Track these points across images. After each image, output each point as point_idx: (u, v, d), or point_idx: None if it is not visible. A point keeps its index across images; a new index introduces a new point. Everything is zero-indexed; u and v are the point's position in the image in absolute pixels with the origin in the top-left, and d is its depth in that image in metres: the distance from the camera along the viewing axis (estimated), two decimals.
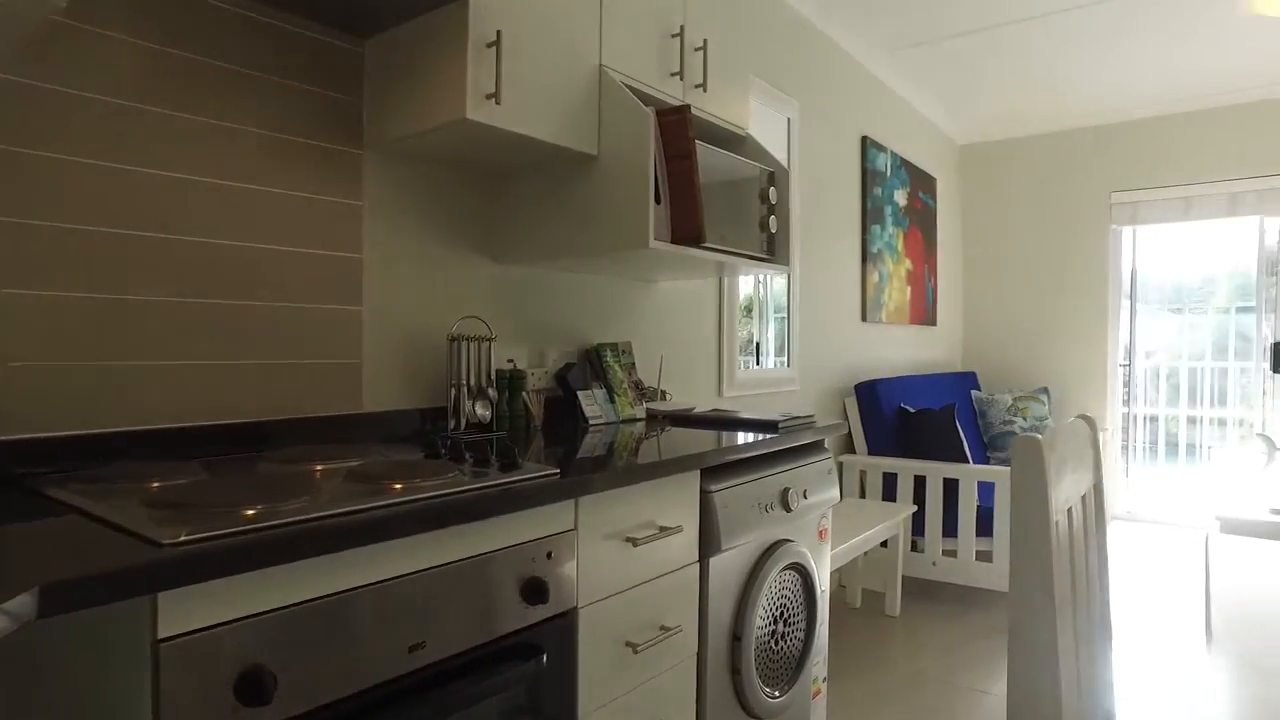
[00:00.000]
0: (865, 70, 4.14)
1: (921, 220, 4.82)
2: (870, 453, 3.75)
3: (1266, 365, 4.81)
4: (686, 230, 1.80)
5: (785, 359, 3.44)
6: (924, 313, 4.89)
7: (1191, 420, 5.21)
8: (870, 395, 3.77)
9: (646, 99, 1.96)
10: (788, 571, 1.90)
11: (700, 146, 1.92)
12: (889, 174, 4.35)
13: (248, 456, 1.44)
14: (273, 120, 1.55)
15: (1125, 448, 5.28)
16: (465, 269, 1.97)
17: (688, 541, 1.59)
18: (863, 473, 3.71)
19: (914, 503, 3.52)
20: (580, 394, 2.12)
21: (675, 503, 1.55)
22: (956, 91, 4.65)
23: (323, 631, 0.93)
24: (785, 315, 3.49)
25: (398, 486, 1.11)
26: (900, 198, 4.50)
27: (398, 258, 1.81)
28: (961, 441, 3.51)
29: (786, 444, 1.90)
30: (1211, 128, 4.77)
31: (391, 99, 1.65)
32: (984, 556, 3.38)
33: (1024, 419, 4.80)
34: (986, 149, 5.52)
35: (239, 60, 1.50)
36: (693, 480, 1.60)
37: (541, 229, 1.94)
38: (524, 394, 2.00)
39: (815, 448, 2.09)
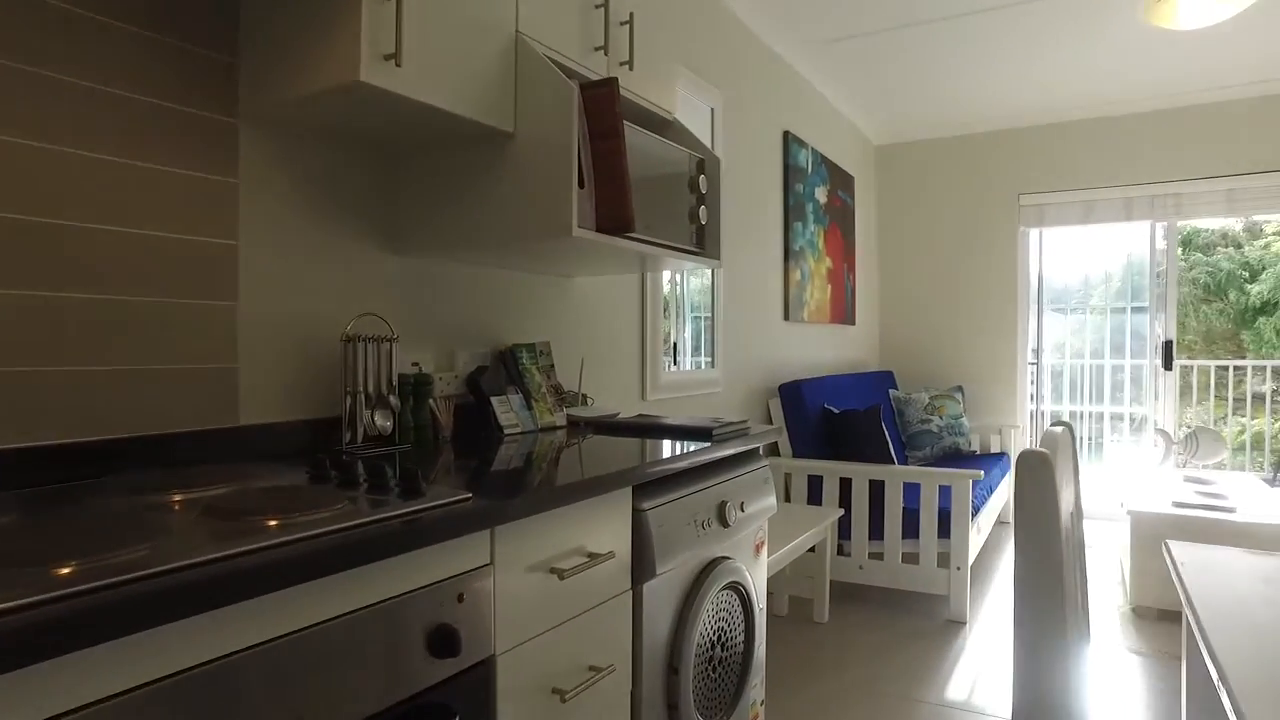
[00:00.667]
0: (786, 64, 4.07)
1: (841, 219, 4.80)
2: (795, 455, 3.66)
3: (1158, 362, 5.00)
4: (613, 217, 1.63)
5: (709, 360, 3.31)
6: (844, 312, 4.87)
7: (1093, 416, 5.38)
8: (794, 396, 3.69)
9: (569, 73, 1.78)
10: (726, 592, 1.75)
11: (627, 128, 1.75)
12: (810, 171, 4.29)
13: (90, 485, 1.18)
14: (125, 76, 1.29)
15: (1034, 444, 5.40)
16: (362, 260, 1.74)
17: (619, 568, 1.41)
18: (788, 475, 3.62)
19: (840, 505, 3.45)
20: (494, 400, 1.92)
21: (605, 525, 1.37)
22: (873, 91, 4.64)
23: None
24: (701, 315, 3.36)
25: (270, 524, 0.89)
26: (821, 195, 4.45)
27: (281, 245, 1.56)
28: (887, 443, 3.46)
29: (721, 453, 1.75)
30: (1112, 134, 4.92)
31: (273, 57, 1.41)
32: (910, 559, 3.33)
33: (940, 418, 4.84)
34: (902, 149, 5.56)
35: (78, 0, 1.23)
36: (624, 499, 1.43)
37: (450, 215, 1.72)
38: (431, 401, 1.79)
39: (750, 456, 1.95)
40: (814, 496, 3.54)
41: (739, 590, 1.80)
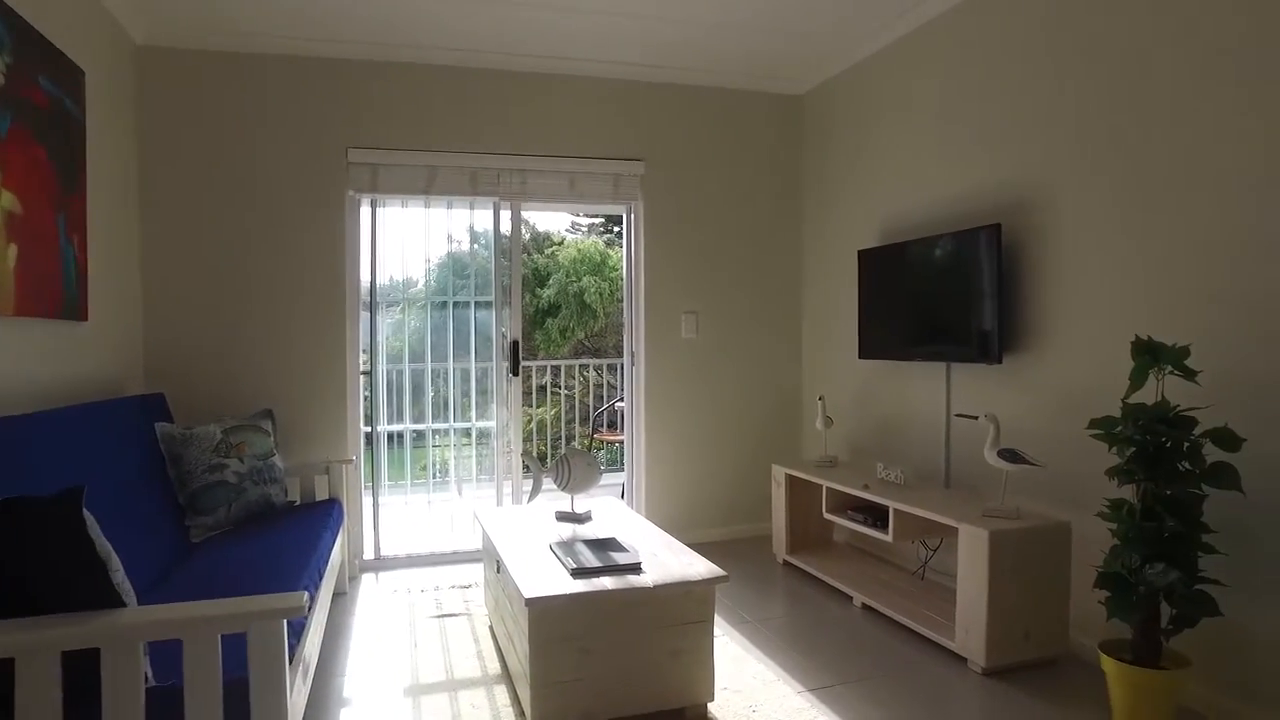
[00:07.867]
0: None
1: (47, 130, 2.72)
2: None
3: (506, 366, 4.30)
4: None
5: None
6: (59, 297, 2.81)
7: (437, 433, 4.47)
8: None
9: None
10: None
11: None
12: None
13: None
14: None
15: (372, 477, 4.19)
16: None
17: None
18: None
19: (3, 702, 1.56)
20: None
21: None
22: None
23: None
24: None
25: None
26: None
27: None
28: (101, 564, 1.69)
29: None
30: (464, 86, 4.03)
31: None
32: None
33: (241, 460, 3.22)
34: (187, 59, 3.68)
35: None
36: None
37: None
38: None
39: None
40: None
41: None
